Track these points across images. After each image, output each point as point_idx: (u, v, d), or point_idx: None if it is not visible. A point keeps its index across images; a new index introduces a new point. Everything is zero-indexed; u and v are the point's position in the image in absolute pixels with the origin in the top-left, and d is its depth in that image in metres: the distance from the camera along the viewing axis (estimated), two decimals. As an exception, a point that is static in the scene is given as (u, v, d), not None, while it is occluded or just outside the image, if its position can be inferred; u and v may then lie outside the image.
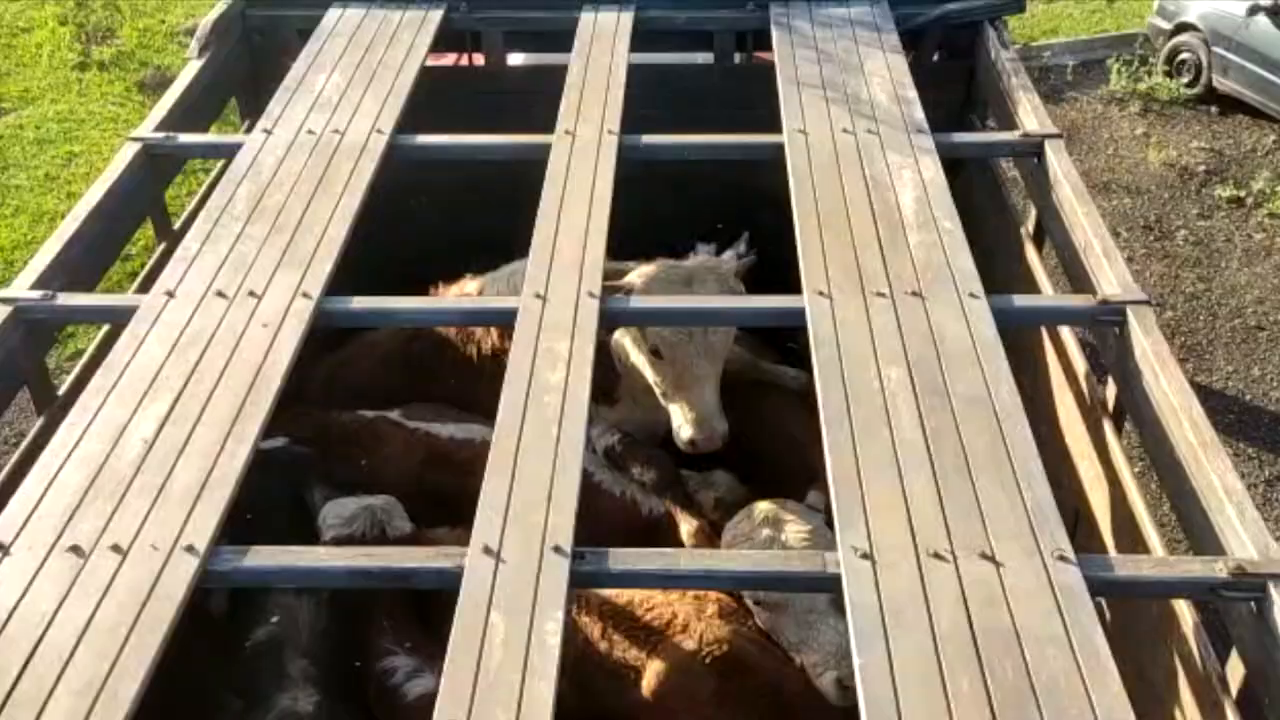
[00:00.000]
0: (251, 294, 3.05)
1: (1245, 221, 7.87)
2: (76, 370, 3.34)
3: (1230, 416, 6.32)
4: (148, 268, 3.80)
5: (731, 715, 2.84)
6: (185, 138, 3.80)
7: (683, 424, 3.25)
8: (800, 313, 2.95)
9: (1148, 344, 2.81)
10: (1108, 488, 3.05)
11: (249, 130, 3.94)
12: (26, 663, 2.13)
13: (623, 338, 3.45)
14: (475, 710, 2.04)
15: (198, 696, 2.91)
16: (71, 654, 2.15)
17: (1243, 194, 8.03)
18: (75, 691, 2.08)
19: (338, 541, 3.10)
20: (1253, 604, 2.25)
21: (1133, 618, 2.83)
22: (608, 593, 3.05)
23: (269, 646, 3.00)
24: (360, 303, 3.12)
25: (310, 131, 3.71)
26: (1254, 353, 6.81)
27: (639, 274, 3.31)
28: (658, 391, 3.35)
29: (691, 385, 3.23)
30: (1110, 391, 3.09)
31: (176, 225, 3.94)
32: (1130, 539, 2.87)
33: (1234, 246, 7.63)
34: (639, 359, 3.40)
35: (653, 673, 2.95)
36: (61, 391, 3.26)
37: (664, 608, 3.00)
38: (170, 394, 2.75)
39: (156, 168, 3.80)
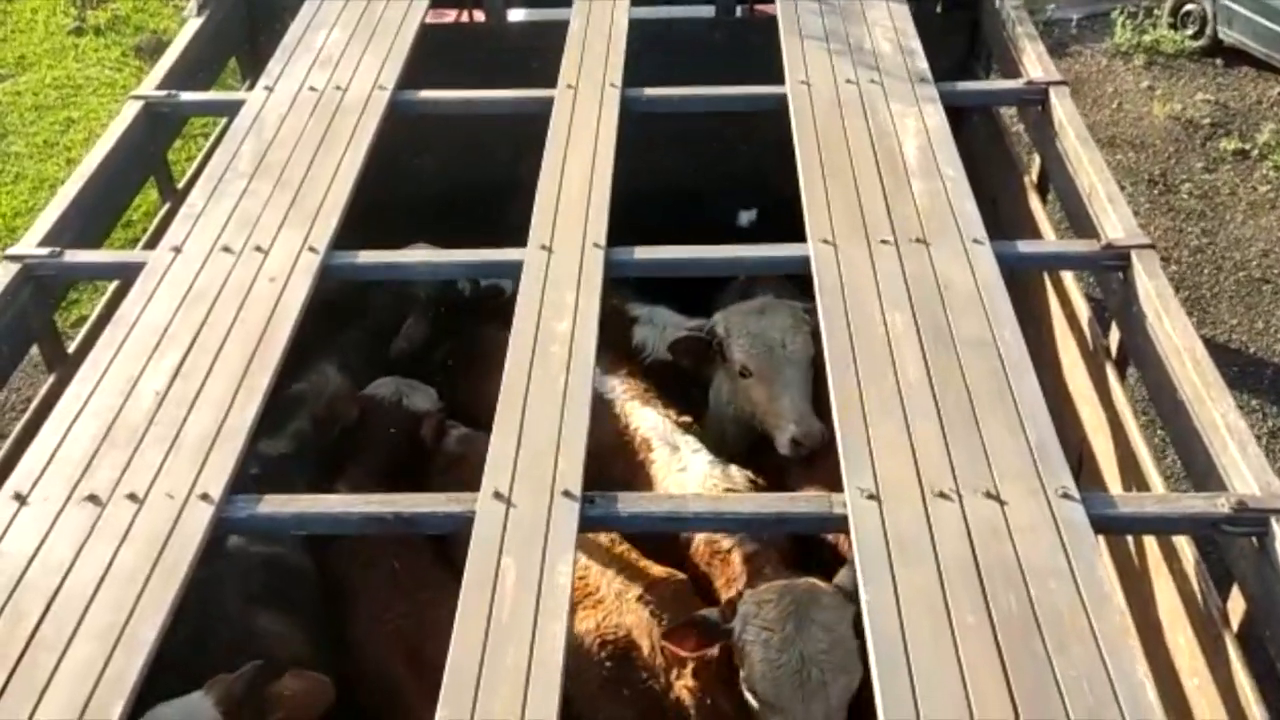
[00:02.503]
0: (258, 249, 3.07)
1: (1250, 174, 7.83)
2: (86, 327, 3.37)
3: (1234, 369, 6.32)
4: (154, 225, 3.81)
5: (610, 703, 2.77)
6: (187, 95, 3.79)
7: (783, 427, 3.32)
8: (805, 261, 2.96)
9: (1151, 287, 2.83)
10: (1111, 433, 3.07)
11: (250, 88, 3.93)
12: (48, 608, 2.18)
13: (717, 376, 3.61)
14: (489, 649, 2.07)
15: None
16: (91, 599, 2.19)
17: (1248, 146, 7.98)
18: (96, 635, 2.12)
19: (362, 399, 3.52)
20: (1254, 539, 2.28)
21: (1135, 557, 2.86)
22: None
23: None
24: (366, 256, 3.14)
25: (312, 88, 3.71)
26: (1258, 305, 6.81)
27: (720, 314, 3.56)
28: (757, 413, 3.43)
29: (783, 394, 3.34)
30: (1114, 336, 3.11)
31: (180, 184, 3.94)
32: (1134, 483, 2.89)
33: (1239, 199, 7.60)
34: (733, 386, 3.51)
35: None
36: (72, 349, 3.29)
37: (597, 576, 2.93)
38: (180, 348, 2.78)
39: (158, 126, 3.80)
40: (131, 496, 2.40)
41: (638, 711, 2.71)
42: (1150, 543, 2.75)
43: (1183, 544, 2.56)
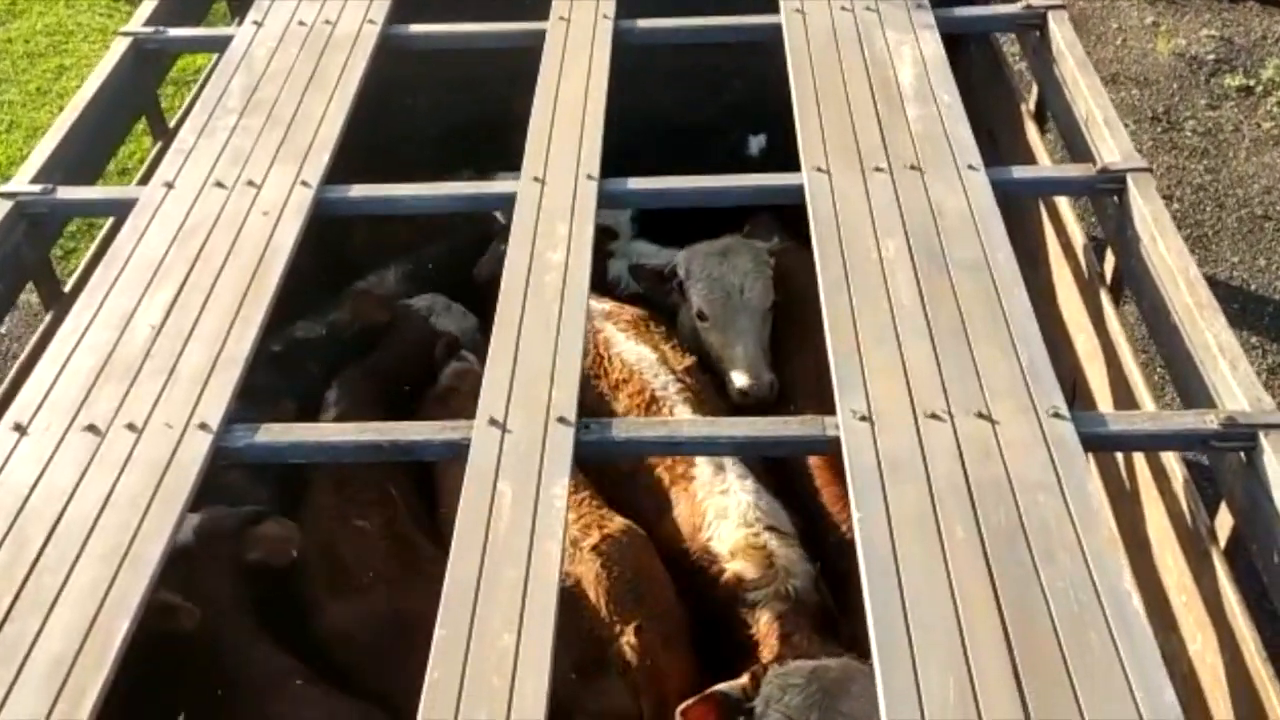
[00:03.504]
0: (250, 184, 3.06)
1: (1254, 111, 7.75)
2: (82, 265, 3.38)
3: (1235, 306, 6.31)
4: (147, 162, 3.80)
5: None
6: (175, 31, 3.76)
7: (732, 375, 3.38)
8: (799, 190, 2.96)
9: (1147, 211, 2.82)
10: (1105, 360, 3.08)
11: (239, 23, 3.90)
12: (51, 533, 2.21)
13: (681, 310, 3.67)
14: (486, 569, 2.11)
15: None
16: (94, 524, 2.22)
17: (1252, 83, 7.89)
18: (100, 557, 2.16)
19: (395, 306, 3.65)
20: (1243, 454, 2.30)
21: (1126, 479, 2.89)
22: None
23: None
24: (360, 190, 3.13)
25: (301, 23, 3.68)
26: (1260, 243, 6.78)
27: (684, 253, 3.62)
28: (711, 356, 3.51)
29: (736, 341, 3.40)
30: (1109, 264, 3.10)
31: (172, 124, 3.93)
32: (1128, 410, 2.90)
33: (1242, 136, 7.53)
34: (691, 328, 3.57)
35: None
36: (68, 288, 3.30)
37: None
38: (175, 282, 2.79)
39: (148, 63, 3.78)
40: (130, 426, 2.42)
41: (573, 661, 2.64)
42: (1140, 465, 2.78)
43: (1172, 464, 2.58)
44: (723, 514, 2.92)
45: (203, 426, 2.42)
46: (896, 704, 1.83)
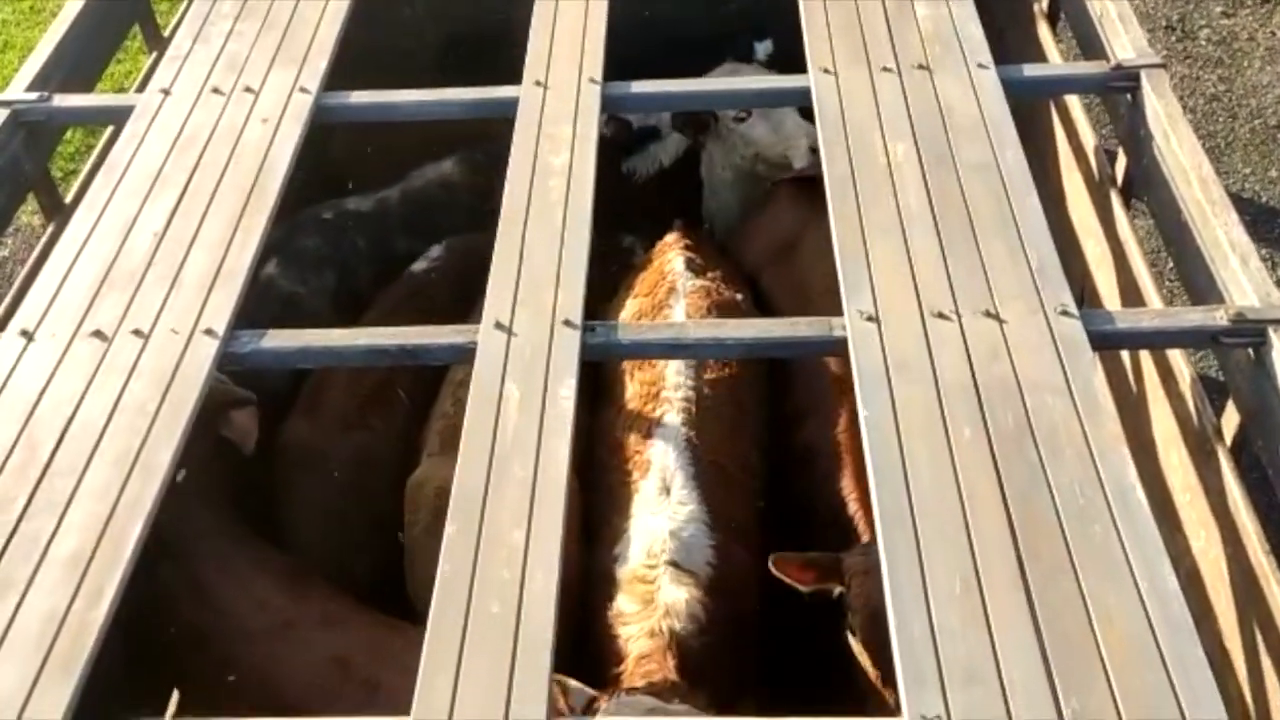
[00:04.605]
0: (248, 90, 3.03)
1: (1269, 19, 7.57)
2: (82, 176, 3.35)
3: (1246, 218, 6.18)
4: (143, 71, 3.74)
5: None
6: None
7: (795, 143, 3.56)
8: (805, 92, 2.91)
9: (1160, 107, 2.77)
10: (1115, 267, 3.06)
11: (230, -72, 3.79)
12: (61, 438, 2.22)
13: (708, 147, 3.81)
14: (495, 466, 2.12)
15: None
16: (104, 429, 2.24)
17: (1269, -11, 7.69)
18: (111, 461, 2.18)
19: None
20: (1251, 351, 2.29)
21: (1133, 381, 2.89)
22: None
23: None
24: (359, 97, 3.09)
25: None
26: (1272, 154, 6.68)
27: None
28: (762, 150, 3.65)
29: (785, 119, 3.59)
30: (1120, 166, 3.06)
31: (166, 33, 3.85)
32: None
33: (1257, 45, 7.37)
34: (730, 142, 3.69)
35: None
36: (69, 199, 3.27)
37: None
38: (175, 189, 2.77)
39: None
40: (137, 332, 2.42)
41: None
42: (1148, 367, 2.77)
43: (1180, 364, 2.58)
44: (636, 537, 2.66)
45: (208, 332, 2.42)
46: (902, 600, 1.85)
